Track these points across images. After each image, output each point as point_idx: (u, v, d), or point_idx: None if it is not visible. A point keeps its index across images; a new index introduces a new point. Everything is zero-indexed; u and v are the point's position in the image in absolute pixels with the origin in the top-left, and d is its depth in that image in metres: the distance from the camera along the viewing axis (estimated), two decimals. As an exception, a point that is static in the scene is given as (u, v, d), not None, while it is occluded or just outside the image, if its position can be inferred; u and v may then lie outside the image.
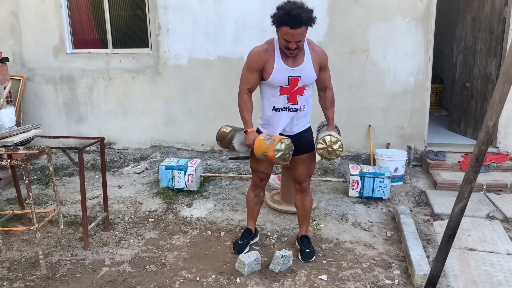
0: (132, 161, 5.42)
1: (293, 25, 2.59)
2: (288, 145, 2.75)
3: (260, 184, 3.20)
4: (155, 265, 3.07)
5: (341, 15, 4.99)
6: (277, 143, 2.71)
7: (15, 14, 5.64)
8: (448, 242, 2.44)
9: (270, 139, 2.76)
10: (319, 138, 2.90)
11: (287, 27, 2.60)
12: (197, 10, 5.25)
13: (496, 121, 2.15)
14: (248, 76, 2.89)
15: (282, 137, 2.79)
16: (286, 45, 2.69)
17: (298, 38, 2.65)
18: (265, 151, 2.76)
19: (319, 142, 2.85)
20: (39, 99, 5.86)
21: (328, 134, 2.85)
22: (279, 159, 2.74)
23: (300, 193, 3.16)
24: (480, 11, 5.25)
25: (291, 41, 2.65)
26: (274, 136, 2.79)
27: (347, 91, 5.16)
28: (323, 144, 2.83)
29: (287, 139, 2.78)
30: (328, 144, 2.80)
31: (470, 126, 5.58)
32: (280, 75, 2.80)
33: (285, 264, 2.99)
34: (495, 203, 4.03)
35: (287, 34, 2.62)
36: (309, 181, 3.16)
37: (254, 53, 2.84)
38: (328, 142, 2.81)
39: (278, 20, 2.64)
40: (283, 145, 2.72)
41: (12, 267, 3.06)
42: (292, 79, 2.81)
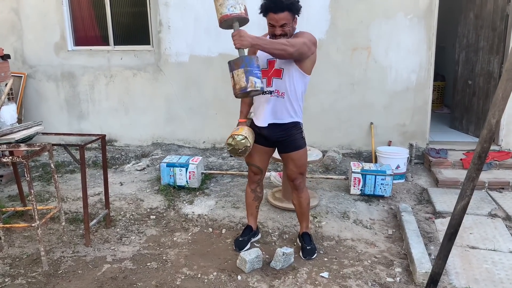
0: (134, 158, 5.42)
1: (275, 10, 2.74)
2: (240, 141, 2.86)
3: (254, 179, 3.20)
4: (157, 262, 3.08)
5: (343, 12, 4.98)
6: (230, 137, 2.89)
7: (16, 11, 5.64)
8: (450, 240, 2.43)
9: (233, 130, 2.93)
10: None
11: (271, 13, 2.77)
12: (198, 7, 5.24)
13: (499, 118, 2.14)
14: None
15: (239, 133, 2.89)
16: (273, 31, 2.82)
17: (282, 22, 2.76)
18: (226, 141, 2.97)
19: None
20: (40, 96, 5.87)
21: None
22: (230, 152, 2.91)
23: (295, 191, 3.16)
24: (483, 8, 5.23)
25: (275, 26, 2.78)
26: (235, 131, 2.93)
27: (349, 88, 5.15)
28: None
29: (241, 136, 2.87)
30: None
31: (472, 124, 5.56)
32: (261, 56, 2.88)
33: (286, 261, 2.99)
34: (497, 201, 4.03)
35: (271, 19, 2.79)
36: (302, 178, 3.11)
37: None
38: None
39: (263, 7, 2.81)
40: (233, 141, 2.87)
41: (14, 264, 3.07)
42: (270, 62, 2.92)
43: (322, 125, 5.29)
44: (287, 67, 2.88)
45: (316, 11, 5.01)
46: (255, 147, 3.06)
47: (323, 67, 5.13)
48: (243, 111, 3.16)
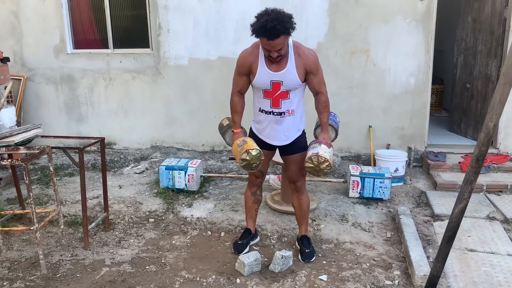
0: (133, 161, 5.42)
1: (270, 37, 2.59)
2: (256, 155, 2.81)
3: (255, 182, 3.20)
4: (155, 265, 3.08)
5: (342, 15, 5.00)
6: (244, 152, 2.79)
7: (16, 14, 5.65)
8: (448, 243, 2.44)
9: (242, 147, 2.83)
10: (309, 156, 2.84)
11: (264, 39, 2.62)
12: (197, 10, 5.26)
13: (497, 122, 2.15)
14: (237, 79, 2.97)
15: (252, 146, 2.82)
16: (268, 54, 2.72)
17: (278, 47, 2.65)
18: (236, 157, 2.89)
19: (306, 161, 2.84)
20: (39, 99, 5.87)
21: (316, 154, 2.80)
22: (244, 167, 2.84)
23: (295, 193, 3.16)
24: (481, 12, 5.25)
25: (271, 51, 2.67)
26: (245, 145, 2.84)
27: (348, 91, 5.16)
28: (310, 164, 2.82)
29: (256, 150, 2.81)
30: (316, 164, 2.80)
31: (471, 127, 5.58)
32: (263, 78, 2.83)
33: (285, 264, 2.99)
34: (495, 204, 4.03)
35: (266, 44, 2.65)
36: (304, 180, 3.15)
37: (241, 57, 2.91)
38: (315, 162, 2.80)
39: (255, 32, 2.65)
40: (248, 156, 2.79)
41: (12, 267, 3.07)
42: (274, 83, 2.83)
43: (321, 128, 5.29)
44: (294, 88, 2.88)
45: (315, 15, 5.03)
46: None
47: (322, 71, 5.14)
48: (238, 121, 3.06)
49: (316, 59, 2.87)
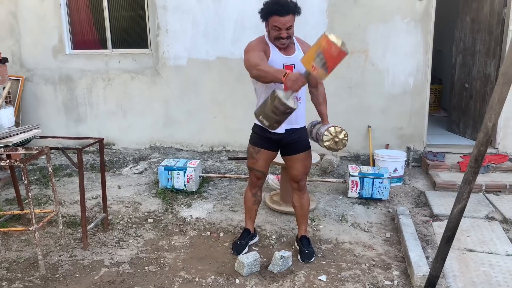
0: (131, 162, 5.41)
1: (282, 13, 2.69)
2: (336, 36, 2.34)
3: (257, 183, 3.20)
4: (154, 266, 3.07)
5: (340, 15, 5.00)
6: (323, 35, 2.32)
7: (14, 15, 5.64)
8: (447, 243, 2.44)
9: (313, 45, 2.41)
10: (323, 132, 2.86)
11: (276, 16, 2.72)
12: (196, 11, 5.25)
13: (495, 122, 2.15)
14: (257, 53, 2.77)
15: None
16: (277, 34, 2.77)
17: (288, 25, 2.74)
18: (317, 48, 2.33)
19: (324, 134, 2.84)
20: (38, 100, 5.86)
21: (332, 125, 2.87)
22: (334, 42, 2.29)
23: (297, 192, 3.16)
24: (479, 12, 5.26)
25: (281, 29, 2.74)
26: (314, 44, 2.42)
27: (347, 91, 5.16)
28: (328, 136, 2.83)
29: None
30: (334, 134, 2.82)
31: (469, 127, 5.58)
32: (276, 61, 2.86)
33: (284, 264, 2.98)
34: (494, 204, 4.04)
35: (277, 22, 2.73)
36: (306, 180, 3.16)
37: (254, 42, 2.92)
38: (333, 132, 2.83)
39: (267, 11, 2.76)
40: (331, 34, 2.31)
41: (11, 268, 3.06)
42: (287, 67, 2.87)
43: (320, 128, 5.29)
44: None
45: (313, 14, 5.03)
46: (261, 152, 3.04)
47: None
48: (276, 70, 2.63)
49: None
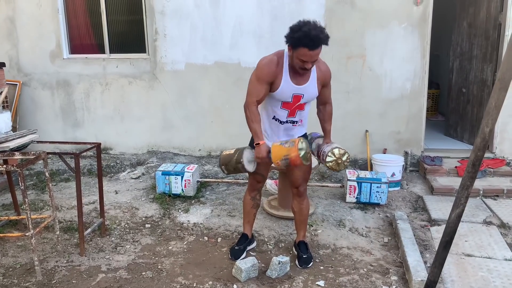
0: (129, 167, 5.40)
1: (312, 47, 2.58)
2: (307, 143, 2.75)
3: (257, 186, 3.21)
4: (152, 271, 3.06)
5: (338, 21, 5.02)
6: (298, 142, 2.68)
7: (12, 19, 5.64)
8: (445, 248, 2.43)
9: (289, 142, 2.72)
10: (326, 152, 2.93)
11: (305, 49, 2.59)
12: (194, 16, 5.26)
13: (492, 127, 2.15)
14: (258, 88, 2.81)
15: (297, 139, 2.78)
16: (302, 65, 2.69)
17: (315, 58, 2.67)
18: (287, 154, 2.68)
19: (327, 155, 2.91)
20: (35, 104, 5.85)
21: (336, 147, 2.93)
22: (303, 159, 2.68)
23: (297, 197, 3.16)
24: (476, 17, 5.29)
25: (308, 61, 2.65)
26: (290, 140, 2.76)
27: (344, 96, 5.17)
28: (332, 157, 2.89)
29: (304, 139, 2.77)
30: (337, 156, 2.87)
31: (467, 131, 5.60)
32: (286, 91, 2.82)
33: (282, 270, 2.98)
34: (492, 208, 4.04)
35: (305, 55, 2.61)
36: (306, 185, 3.17)
37: (266, 66, 2.79)
38: (337, 154, 2.89)
39: (296, 42, 2.60)
40: (304, 144, 2.70)
41: (7, 274, 3.04)
42: (295, 96, 2.85)
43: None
44: (311, 100, 2.96)
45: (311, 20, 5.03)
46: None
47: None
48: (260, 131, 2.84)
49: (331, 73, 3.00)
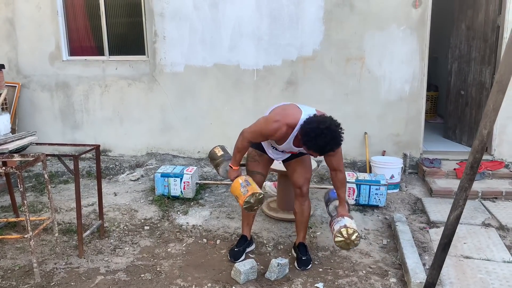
0: (128, 169, 5.40)
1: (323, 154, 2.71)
2: (259, 199, 2.92)
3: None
4: (151, 273, 3.05)
5: (337, 23, 5.03)
6: (249, 195, 2.88)
7: (11, 21, 5.64)
8: (444, 250, 2.44)
9: (246, 188, 2.92)
10: (335, 231, 2.86)
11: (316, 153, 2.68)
12: (193, 18, 5.27)
13: (491, 129, 2.16)
14: (259, 138, 2.97)
15: (257, 190, 2.91)
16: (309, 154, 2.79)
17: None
18: (237, 196, 2.97)
19: (336, 235, 2.84)
20: (34, 106, 5.85)
21: (344, 226, 2.83)
22: (246, 209, 2.94)
23: (299, 198, 3.17)
24: (474, 20, 5.30)
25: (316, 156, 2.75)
26: (250, 187, 2.93)
27: (343, 98, 5.18)
28: (340, 237, 2.83)
29: (260, 194, 2.91)
30: (346, 236, 2.82)
31: (465, 134, 5.61)
32: (286, 148, 2.96)
33: (281, 272, 2.98)
34: (491, 210, 4.05)
35: (314, 154, 2.71)
36: (308, 185, 3.18)
37: (274, 130, 2.80)
38: (345, 235, 2.82)
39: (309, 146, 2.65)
40: (253, 199, 2.90)
41: (5, 276, 3.04)
42: (293, 152, 3.06)
43: (317, 135, 5.30)
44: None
45: (310, 22, 5.06)
46: (264, 156, 3.14)
47: (318, 78, 5.17)
48: (239, 160, 3.07)
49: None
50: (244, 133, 2.95)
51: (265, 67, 5.25)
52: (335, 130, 2.60)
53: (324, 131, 2.56)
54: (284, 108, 2.90)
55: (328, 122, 2.61)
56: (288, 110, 2.85)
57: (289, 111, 2.83)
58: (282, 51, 5.17)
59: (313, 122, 2.62)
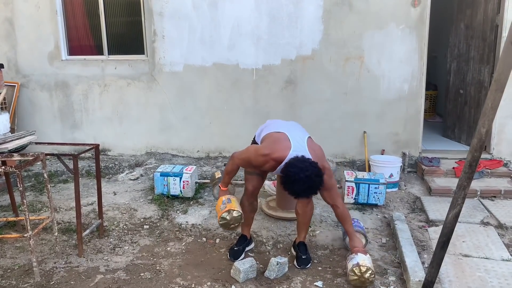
0: (127, 168, 5.40)
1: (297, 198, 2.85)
2: (235, 217, 2.95)
3: (255, 193, 3.25)
4: (150, 272, 3.06)
5: (336, 22, 5.03)
6: (225, 211, 2.94)
7: (10, 21, 5.64)
8: (442, 248, 2.45)
9: (225, 205, 2.97)
10: (349, 269, 2.84)
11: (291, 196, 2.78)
12: (192, 17, 5.27)
13: (489, 128, 2.17)
14: (247, 165, 3.06)
15: (234, 208, 2.95)
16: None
17: None
18: (217, 212, 3.06)
19: (350, 274, 2.82)
20: (33, 106, 5.85)
21: (357, 265, 2.81)
22: (221, 225, 3.00)
23: (303, 199, 3.15)
24: (473, 19, 5.31)
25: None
26: (229, 204, 2.98)
27: (342, 97, 5.19)
28: (354, 276, 2.81)
29: (237, 212, 2.94)
30: (359, 274, 2.80)
31: (464, 133, 5.62)
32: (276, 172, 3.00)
33: (280, 271, 2.98)
34: (489, 209, 4.05)
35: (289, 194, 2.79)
36: None
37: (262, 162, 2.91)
38: (358, 273, 2.80)
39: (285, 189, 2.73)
40: (228, 216, 2.95)
41: (5, 275, 3.04)
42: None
43: (316, 134, 5.25)
44: None
45: (309, 21, 5.06)
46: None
47: (317, 77, 5.18)
48: (228, 181, 3.18)
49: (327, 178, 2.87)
50: (235, 158, 3.04)
51: (264, 67, 5.25)
52: (315, 180, 2.65)
53: (303, 179, 2.62)
54: (274, 141, 2.96)
55: (310, 170, 2.64)
56: (277, 144, 2.92)
57: (278, 145, 2.90)
58: (281, 50, 5.18)
59: (295, 166, 2.68)
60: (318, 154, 2.94)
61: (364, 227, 3.52)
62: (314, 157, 2.86)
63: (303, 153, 2.83)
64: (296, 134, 3.03)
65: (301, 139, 2.98)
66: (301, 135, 3.05)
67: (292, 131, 3.06)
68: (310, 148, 2.94)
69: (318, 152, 2.96)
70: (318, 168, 2.71)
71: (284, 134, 3.00)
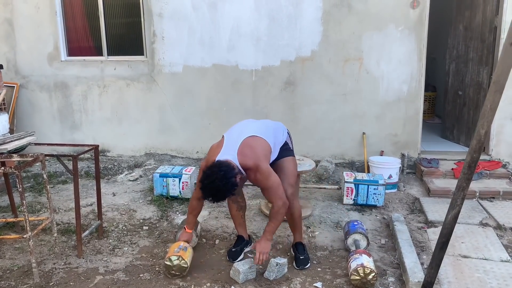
0: (126, 169, 5.40)
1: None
2: (181, 267, 2.93)
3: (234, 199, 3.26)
4: (149, 273, 3.06)
5: (335, 24, 5.04)
6: (171, 255, 2.93)
7: (9, 22, 5.64)
8: (441, 249, 2.45)
9: (179, 250, 2.97)
10: (352, 269, 2.84)
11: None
12: (192, 18, 5.28)
13: (488, 129, 2.18)
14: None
15: (184, 258, 2.93)
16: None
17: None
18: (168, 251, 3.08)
19: (352, 273, 2.82)
20: (33, 107, 5.84)
21: (361, 266, 2.81)
22: (164, 267, 2.97)
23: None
24: (472, 21, 5.33)
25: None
26: (183, 252, 2.97)
27: (341, 99, 5.20)
28: (356, 276, 2.81)
29: (185, 263, 2.92)
30: (362, 276, 2.80)
31: (463, 134, 5.63)
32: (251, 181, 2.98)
33: (280, 271, 2.98)
34: (488, 210, 4.06)
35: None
36: (293, 189, 3.08)
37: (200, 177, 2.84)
38: (362, 274, 2.80)
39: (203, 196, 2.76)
40: (176, 261, 2.92)
41: (4, 276, 3.04)
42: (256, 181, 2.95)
43: (315, 135, 5.32)
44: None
45: (309, 23, 5.07)
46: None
47: (316, 78, 5.19)
48: (192, 222, 3.15)
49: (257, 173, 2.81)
50: (192, 195, 3.10)
51: (263, 68, 5.26)
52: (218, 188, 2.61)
53: (207, 186, 2.64)
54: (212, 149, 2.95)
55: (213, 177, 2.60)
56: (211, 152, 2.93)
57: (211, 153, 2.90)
58: (280, 51, 5.19)
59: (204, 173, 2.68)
60: (250, 155, 2.79)
61: (366, 229, 3.52)
62: (242, 159, 2.76)
63: (228, 157, 2.74)
64: (233, 137, 2.90)
65: (235, 142, 2.84)
66: (238, 137, 2.88)
67: (232, 133, 2.95)
68: (241, 149, 2.80)
69: (250, 153, 2.80)
70: (223, 174, 2.61)
71: (223, 139, 2.94)
